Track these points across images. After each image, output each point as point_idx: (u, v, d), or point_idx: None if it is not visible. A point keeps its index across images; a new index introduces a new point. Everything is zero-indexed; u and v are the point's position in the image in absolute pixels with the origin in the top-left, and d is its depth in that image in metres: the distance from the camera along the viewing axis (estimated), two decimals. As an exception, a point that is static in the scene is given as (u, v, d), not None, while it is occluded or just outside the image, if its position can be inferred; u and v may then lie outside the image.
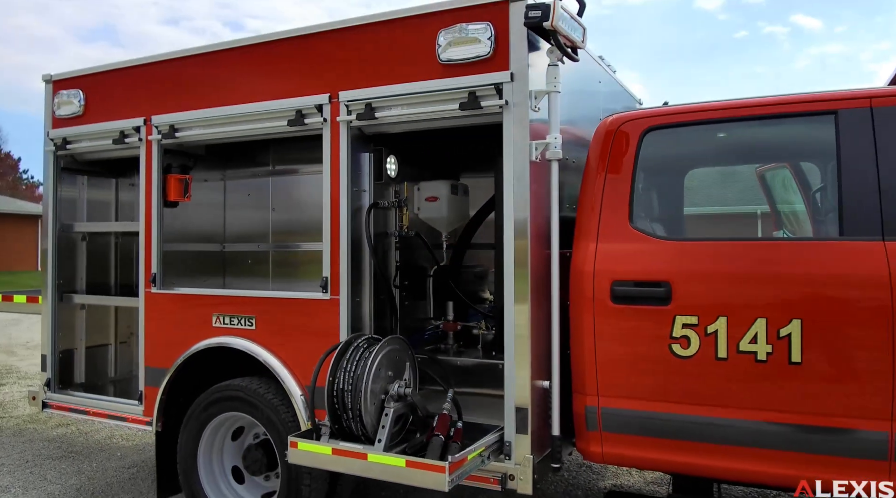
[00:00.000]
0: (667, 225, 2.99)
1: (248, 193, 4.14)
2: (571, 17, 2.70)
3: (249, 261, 4.15)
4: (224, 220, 4.18)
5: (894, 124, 2.49)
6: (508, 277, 2.69)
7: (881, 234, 2.41)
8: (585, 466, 4.50)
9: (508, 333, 2.68)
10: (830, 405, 2.42)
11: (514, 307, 2.67)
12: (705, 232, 3.15)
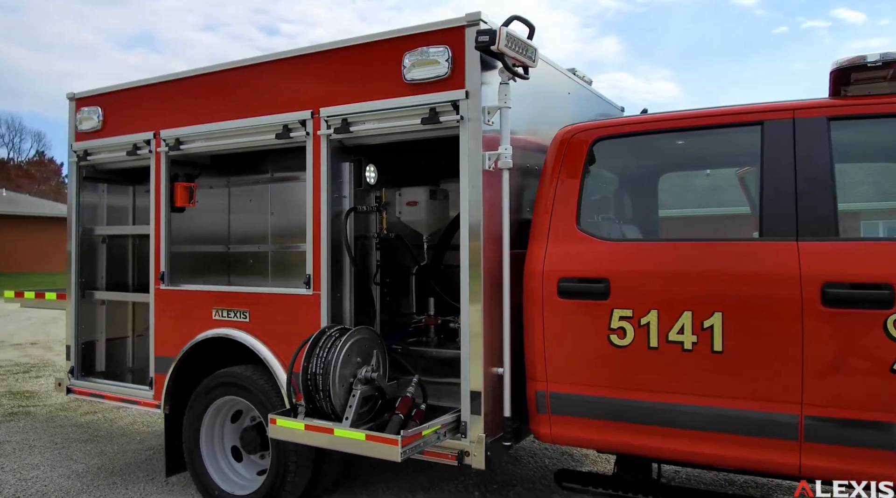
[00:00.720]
0: (609, 227, 3.26)
1: (250, 199, 4.53)
2: (522, 40, 3.00)
3: (251, 261, 4.54)
4: (229, 223, 4.57)
5: (813, 134, 2.74)
6: (464, 277, 3.01)
7: (795, 235, 2.66)
8: (567, 454, 4.78)
9: (464, 329, 3.00)
10: (748, 390, 2.68)
11: (469, 307, 2.99)
12: (645, 233, 3.41)
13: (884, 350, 2.45)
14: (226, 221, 4.53)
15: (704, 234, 3.41)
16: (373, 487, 4.13)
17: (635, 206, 3.58)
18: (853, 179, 14.96)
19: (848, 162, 3.05)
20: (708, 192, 8.20)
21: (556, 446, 4.88)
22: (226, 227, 4.55)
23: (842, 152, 2.75)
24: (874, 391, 2.48)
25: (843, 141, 2.75)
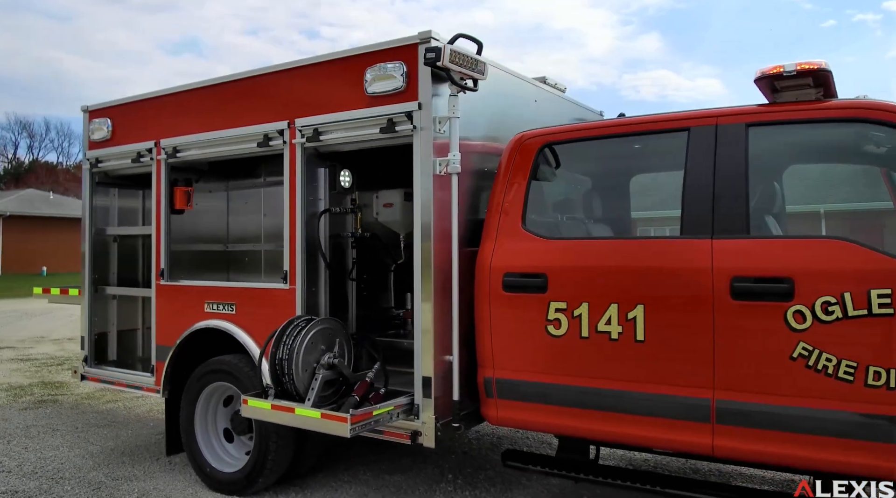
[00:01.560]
0: (550, 226, 3.52)
1: (246, 202, 4.91)
2: (469, 56, 3.29)
3: (247, 259, 4.92)
4: (227, 224, 4.96)
5: (732, 140, 2.96)
6: (416, 277, 3.31)
7: (711, 233, 2.89)
8: (545, 442, 5.03)
9: (416, 325, 3.30)
10: (666, 376, 2.92)
11: (421, 305, 3.29)
12: (574, 232, 3.65)
13: (784, 340, 2.67)
14: (225, 222, 4.92)
15: (636, 232, 3.64)
16: (355, 470, 4.46)
17: (577, 206, 3.83)
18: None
19: (764, 165, 3.24)
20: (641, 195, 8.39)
21: (538, 435, 5.14)
22: (225, 227, 4.94)
23: (757, 156, 2.96)
24: (776, 378, 2.70)
25: (759, 146, 2.96)
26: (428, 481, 4.25)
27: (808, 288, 2.64)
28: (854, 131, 2.91)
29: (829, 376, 2.60)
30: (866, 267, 2.57)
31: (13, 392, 7.06)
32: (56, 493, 4.10)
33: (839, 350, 2.58)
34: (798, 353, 2.64)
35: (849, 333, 2.57)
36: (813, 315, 2.62)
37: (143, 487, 4.19)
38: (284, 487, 4.09)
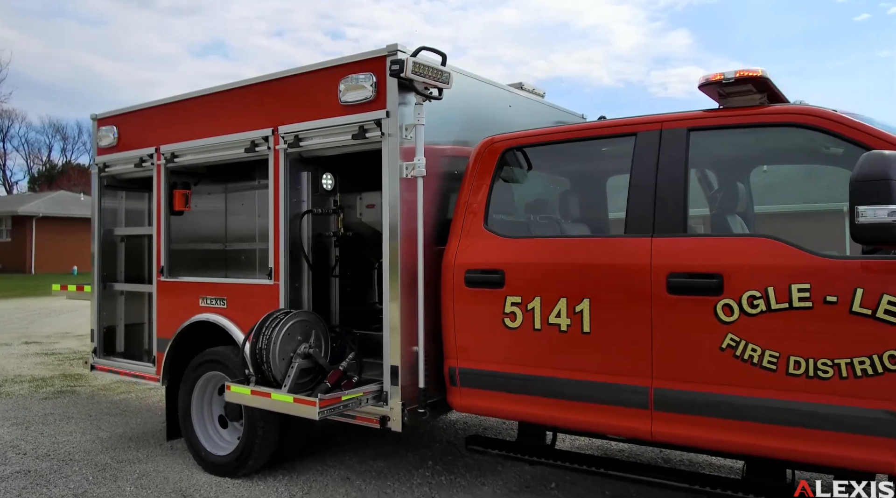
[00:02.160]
0: (510, 225, 3.74)
1: (242, 203, 5.21)
2: (433, 67, 3.52)
3: (243, 257, 5.22)
4: (226, 224, 5.27)
5: (674, 144, 3.16)
6: (385, 276, 3.56)
7: (651, 232, 3.09)
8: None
9: (385, 322, 3.56)
10: (610, 365, 3.13)
11: (389, 304, 3.55)
12: (534, 231, 3.86)
13: (714, 331, 2.86)
14: (223, 223, 5.22)
15: (584, 231, 3.83)
16: (342, 456, 4.74)
17: (536, 207, 4.04)
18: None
19: (704, 168, 3.42)
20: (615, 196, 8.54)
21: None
22: (223, 227, 5.24)
23: (699, 160, 3.15)
24: (707, 367, 2.89)
25: (699, 149, 3.16)
26: (409, 467, 4.50)
27: (735, 283, 2.83)
28: (787, 135, 3.08)
29: (755, 366, 2.78)
30: (788, 263, 2.75)
31: (35, 383, 7.50)
32: (64, 473, 4.45)
33: (763, 341, 2.77)
34: (727, 344, 2.84)
35: (772, 325, 2.75)
36: (740, 308, 2.81)
37: (144, 469, 4.51)
38: (273, 471, 4.38)
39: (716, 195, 3.55)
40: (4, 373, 8.15)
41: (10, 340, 11.31)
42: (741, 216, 3.37)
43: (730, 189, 3.58)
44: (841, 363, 2.62)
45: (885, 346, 2.54)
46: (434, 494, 4.04)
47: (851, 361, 2.60)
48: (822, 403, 2.66)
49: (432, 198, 3.76)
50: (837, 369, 2.63)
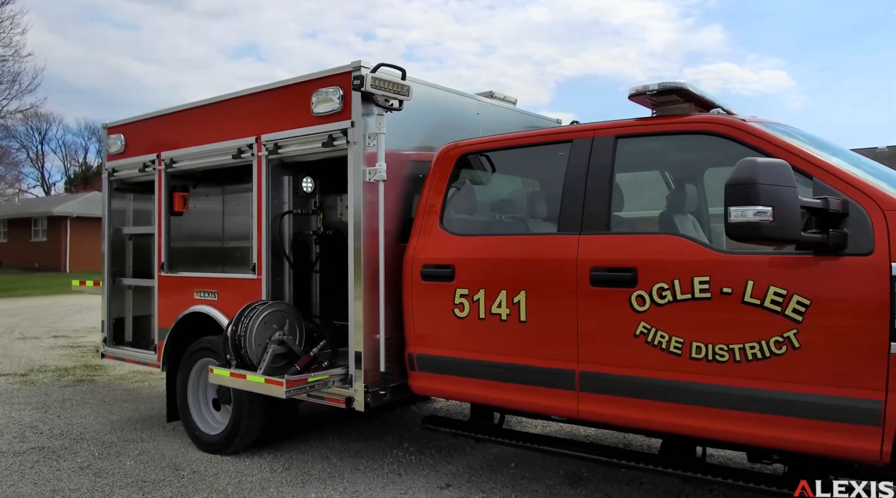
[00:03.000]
0: (461, 224, 4.09)
1: (238, 204, 5.65)
2: (392, 81, 3.91)
3: (238, 254, 5.66)
4: (223, 224, 5.73)
5: (603, 150, 3.49)
6: (350, 268, 3.96)
7: (580, 229, 3.44)
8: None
9: (350, 308, 3.95)
10: (543, 351, 3.48)
11: (353, 292, 3.95)
12: (480, 229, 4.21)
13: (629, 320, 3.19)
14: (221, 222, 5.68)
15: (525, 229, 4.16)
16: (325, 437, 5.16)
17: (485, 207, 4.38)
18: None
19: (629, 172, 3.74)
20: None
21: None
22: (220, 227, 5.70)
23: (624, 164, 3.49)
24: (623, 352, 3.22)
25: (625, 155, 3.49)
26: (385, 448, 4.90)
27: (647, 276, 3.15)
28: (702, 142, 3.38)
29: (663, 350, 3.11)
30: (691, 258, 3.07)
31: (58, 373, 8.09)
32: (74, 449, 4.95)
33: (670, 328, 3.09)
34: (639, 331, 3.17)
35: (677, 314, 3.07)
36: (650, 299, 3.14)
37: (145, 447, 5.00)
38: (259, 450, 4.82)
39: (641, 196, 3.87)
40: (31, 363, 8.79)
41: (41, 334, 12.03)
42: (665, 215, 3.68)
43: (652, 191, 3.89)
44: (735, 348, 2.94)
45: (771, 332, 2.85)
46: (402, 470, 4.43)
47: (743, 346, 2.91)
48: (720, 384, 2.97)
49: (397, 199, 4.15)
50: (732, 353, 2.94)
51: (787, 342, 2.81)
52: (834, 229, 2.75)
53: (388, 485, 4.15)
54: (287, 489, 4.09)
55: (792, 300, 2.80)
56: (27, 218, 36.65)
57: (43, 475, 4.38)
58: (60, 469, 4.50)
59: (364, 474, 4.34)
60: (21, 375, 7.99)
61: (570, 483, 4.15)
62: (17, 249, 36.76)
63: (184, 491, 4.08)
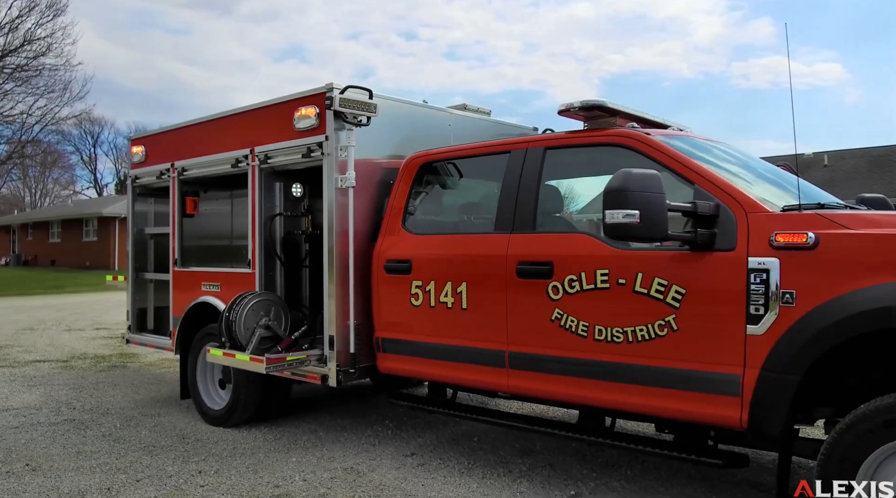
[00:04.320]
0: (418, 224, 4.68)
1: (243, 207, 6.38)
2: (359, 100, 4.54)
3: (243, 251, 6.38)
4: (231, 224, 6.46)
5: (533, 160, 4.06)
6: (325, 263, 4.61)
7: (511, 229, 4.01)
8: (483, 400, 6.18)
9: (325, 299, 4.60)
10: (481, 334, 4.07)
11: (328, 284, 4.60)
12: (434, 229, 4.78)
13: (546, 307, 3.75)
14: (227, 223, 6.42)
15: (467, 227, 4.73)
16: (317, 414, 5.85)
17: (441, 209, 4.96)
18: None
19: (556, 179, 4.26)
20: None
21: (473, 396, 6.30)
22: (229, 227, 6.44)
23: (551, 173, 4.05)
24: (542, 334, 3.78)
25: (552, 164, 4.04)
26: (367, 424, 5.55)
27: (561, 269, 3.71)
28: (613, 153, 3.90)
29: (573, 333, 3.66)
30: (595, 253, 3.61)
31: (95, 360, 9.02)
32: (100, 422, 5.74)
33: (578, 314, 3.64)
34: (554, 316, 3.72)
35: (583, 301, 3.62)
36: (563, 289, 3.69)
37: (160, 421, 5.77)
38: (257, 424, 5.52)
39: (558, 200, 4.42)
40: (73, 351, 9.76)
41: (85, 326, 13.12)
42: (579, 216, 4.22)
43: (573, 195, 4.43)
44: (628, 330, 3.47)
45: (655, 316, 3.38)
46: (377, 441, 5.07)
47: (634, 328, 3.45)
48: (618, 362, 3.51)
49: (370, 202, 4.79)
50: (626, 335, 3.48)
51: (668, 325, 3.34)
52: (708, 229, 3.26)
53: (362, 453, 4.80)
54: (273, 454, 4.78)
55: (671, 289, 3.33)
56: (79, 219, 38.71)
57: (71, 441, 5.18)
58: (86, 436, 5.29)
59: (343, 444, 5.00)
60: (63, 361, 8.95)
61: (520, 455, 4.72)
62: (69, 248, 38.87)
63: (185, 455, 4.81)
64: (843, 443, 2.82)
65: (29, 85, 28.73)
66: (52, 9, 28.09)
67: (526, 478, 4.25)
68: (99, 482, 4.23)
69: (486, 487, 4.09)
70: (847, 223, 3.03)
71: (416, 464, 4.54)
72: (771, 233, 3.09)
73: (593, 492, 4.00)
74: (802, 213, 3.14)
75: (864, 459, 2.77)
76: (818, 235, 2.98)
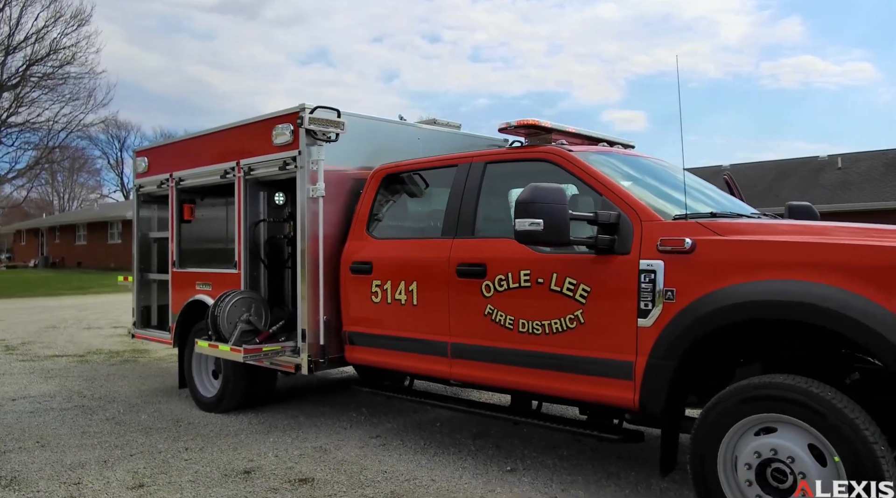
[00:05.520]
0: (379, 230, 5.27)
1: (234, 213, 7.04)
2: (326, 119, 5.14)
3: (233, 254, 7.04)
4: (227, 229, 7.11)
5: (476, 173, 4.62)
6: (298, 264, 5.22)
7: (455, 234, 4.58)
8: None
9: (298, 296, 5.22)
10: (429, 327, 4.64)
11: (300, 283, 5.21)
12: (393, 234, 5.35)
13: (481, 303, 4.31)
14: (222, 228, 7.07)
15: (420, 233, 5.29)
16: (301, 403, 6.47)
17: (399, 216, 5.53)
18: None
19: (495, 190, 4.81)
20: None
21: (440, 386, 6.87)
22: (222, 231, 7.09)
23: (489, 184, 4.61)
24: (479, 327, 4.34)
25: (491, 176, 4.60)
26: (345, 411, 6.16)
27: (492, 270, 4.27)
28: (541, 167, 4.43)
29: (502, 326, 4.21)
30: (520, 256, 4.15)
31: (109, 355, 9.78)
32: (106, 408, 6.44)
33: (506, 309, 4.19)
34: (487, 311, 4.28)
35: (510, 298, 4.17)
36: (494, 287, 4.25)
37: (159, 407, 6.44)
38: (245, 410, 6.16)
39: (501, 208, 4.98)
40: (90, 347, 10.55)
41: (104, 325, 13.97)
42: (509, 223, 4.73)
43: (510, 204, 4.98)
44: (545, 323, 4.02)
45: (567, 311, 3.92)
46: (349, 425, 5.67)
47: (550, 321, 3.99)
48: (537, 351, 4.06)
49: (341, 209, 5.39)
50: (544, 327, 4.03)
51: (577, 319, 3.88)
52: (610, 235, 3.79)
53: (333, 435, 5.40)
54: (253, 435, 5.41)
55: (580, 287, 3.87)
56: (104, 222, 40.09)
57: (78, 423, 5.87)
58: (91, 420, 5.98)
59: (318, 428, 5.61)
60: (79, 356, 9.72)
61: (474, 438, 5.28)
62: (95, 250, 40.28)
63: (176, 435, 5.46)
64: (709, 419, 3.34)
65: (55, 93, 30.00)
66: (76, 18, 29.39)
67: (472, 456, 4.81)
68: (97, 456, 4.90)
69: (434, 463, 4.66)
70: (720, 231, 3.54)
71: (378, 444, 5.13)
72: (658, 238, 3.62)
73: (528, 468, 4.55)
74: (687, 221, 3.66)
75: (726, 433, 3.28)
76: (695, 241, 3.50)
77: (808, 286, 3.09)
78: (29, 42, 29.02)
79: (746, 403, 3.22)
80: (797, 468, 3.05)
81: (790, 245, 3.33)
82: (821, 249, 3.21)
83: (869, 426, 2.93)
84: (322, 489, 4.19)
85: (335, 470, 4.54)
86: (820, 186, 24.59)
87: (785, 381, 3.12)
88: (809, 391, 3.04)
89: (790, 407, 3.08)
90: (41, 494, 4.16)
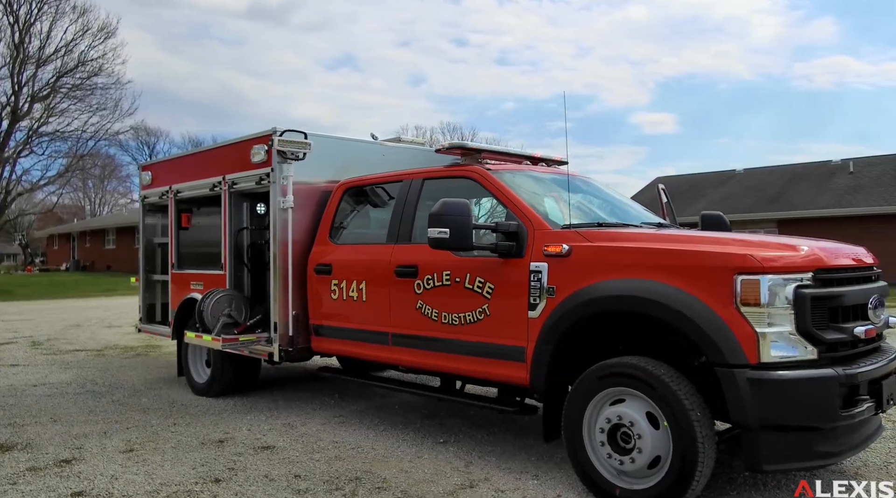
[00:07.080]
0: (339, 236, 6.16)
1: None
2: (295, 141, 6.05)
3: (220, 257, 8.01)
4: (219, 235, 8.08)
5: (416, 188, 5.49)
6: (271, 266, 6.14)
7: (396, 240, 5.45)
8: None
9: (270, 294, 6.14)
10: (374, 319, 5.52)
11: (272, 282, 6.13)
12: (350, 240, 6.22)
13: (413, 299, 5.17)
14: (215, 234, 8.01)
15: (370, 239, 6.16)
16: (282, 389, 7.40)
17: (357, 224, 6.40)
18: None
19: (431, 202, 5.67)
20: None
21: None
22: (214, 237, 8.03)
23: (426, 197, 5.46)
24: (412, 319, 5.20)
25: (427, 191, 5.46)
26: (320, 396, 7.07)
27: (422, 270, 5.12)
28: (466, 184, 5.26)
29: (429, 318, 5.07)
30: (443, 260, 4.97)
31: (124, 350, 10.85)
32: (112, 393, 7.44)
33: (432, 304, 5.05)
34: (418, 305, 5.14)
35: (435, 295, 5.02)
36: (423, 285, 5.11)
37: (159, 393, 7.43)
38: (232, 395, 7.10)
39: None
40: (108, 343, 11.65)
41: (124, 323, 15.12)
42: None
43: None
44: (461, 315, 4.86)
45: (477, 305, 4.75)
46: (319, 407, 6.57)
47: (465, 314, 4.84)
48: (458, 339, 4.90)
49: (310, 218, 6.30)
50: (460, 319, 4.87)
51: (484, 311, 4.72)
52: (508, 242, 4.61)
53: (302, 414, 6.31)
54: (234, 414, 6.34)
55: (486, 285, 4.71)
56: (132, 226, 41.72)
57: (86, 404, 6.87)
58: (99, 402, 6.99)
59: (292, 410, 6.53)
60: (97, 350, 10.81)
61: (423, 418, 6.14)
62: (124, 254, 42.01)
63: (169, 414, 6.42)
64: (577, 392, 4.15)
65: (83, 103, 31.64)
66: (103, 31, 31.00)
67: (414, 431, 5.67)
68: (99, 429, 5.87)
69: (380, 436, 5.54)
70: (592, 238, 4.35)
71: (338, 422, 6.03)
72: (544, 244, 4.45)
73: (459, 440, 5.39)
74: (570, 230, 4.48)
75: (588, 403, 4.09)
76: (571, 246, 4.32)
77: (641, 283, 3.90)
78: (59, 55, 30.74)
79: (603, 379, 4.03)
80: (636, 431, 3.85)
81: (639, 250, 4.13)
82: (657, 254, 4.02)
83: (689, 397, 3.72)
84: (279, 454, 5.09)
85: (295, 440, 5.44)
86: (830, 191, 24.87)
87: (630, 361, 3.94)
88: (646, 369, 3.84)
89: (633, 382, 3.89)
90: (49, 456, 5.14)
